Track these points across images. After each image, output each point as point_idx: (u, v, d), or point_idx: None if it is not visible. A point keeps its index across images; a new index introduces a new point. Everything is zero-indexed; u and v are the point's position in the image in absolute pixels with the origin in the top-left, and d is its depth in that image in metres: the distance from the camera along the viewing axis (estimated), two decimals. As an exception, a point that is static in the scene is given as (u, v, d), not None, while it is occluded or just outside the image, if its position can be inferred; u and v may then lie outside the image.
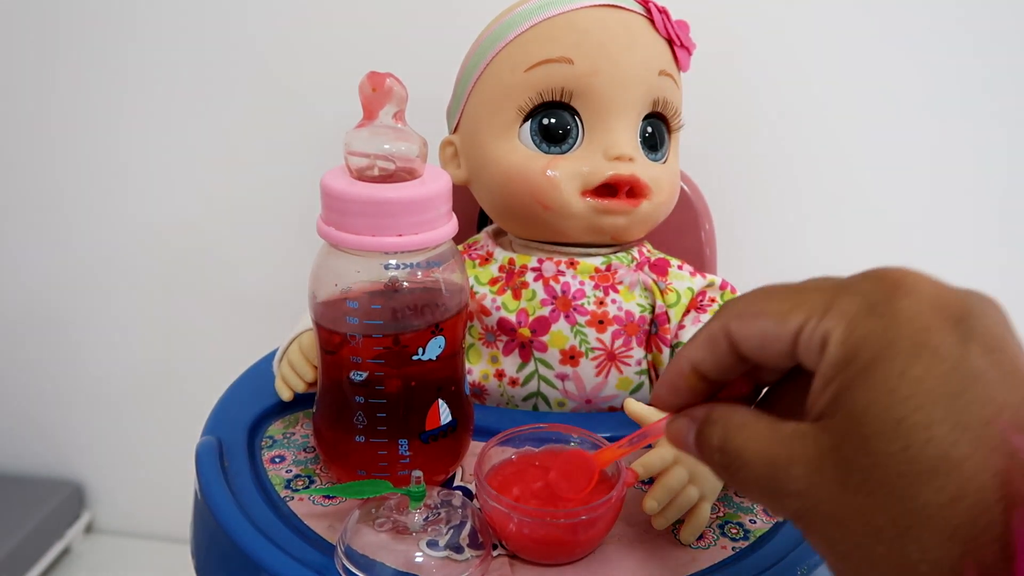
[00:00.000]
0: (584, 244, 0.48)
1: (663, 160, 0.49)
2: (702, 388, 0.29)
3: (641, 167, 0.46)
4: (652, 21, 0.47)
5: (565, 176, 0.45)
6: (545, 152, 0.46)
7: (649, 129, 0.47)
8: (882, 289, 0.23)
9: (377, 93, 0.37)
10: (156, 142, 0.79)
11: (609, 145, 0.45)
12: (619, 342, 0.46)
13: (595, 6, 0.46)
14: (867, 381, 0.22)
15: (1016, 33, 0.63)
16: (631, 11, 0.46)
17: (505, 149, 0.47)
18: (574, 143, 0.46)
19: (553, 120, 0.46)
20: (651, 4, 0.47)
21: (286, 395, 0.44)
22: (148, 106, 0.78)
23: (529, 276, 0.47)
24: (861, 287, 0.24)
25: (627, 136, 0.46)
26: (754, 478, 0.25)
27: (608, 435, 0.39)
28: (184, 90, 0.77)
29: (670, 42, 0.47)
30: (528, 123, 0.46)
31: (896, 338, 0.22)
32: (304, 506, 0.40)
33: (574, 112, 0.46)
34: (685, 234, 0.61)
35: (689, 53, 0.48)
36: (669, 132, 0.49)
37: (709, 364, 0.29)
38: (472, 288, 0.48)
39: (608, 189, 0.45)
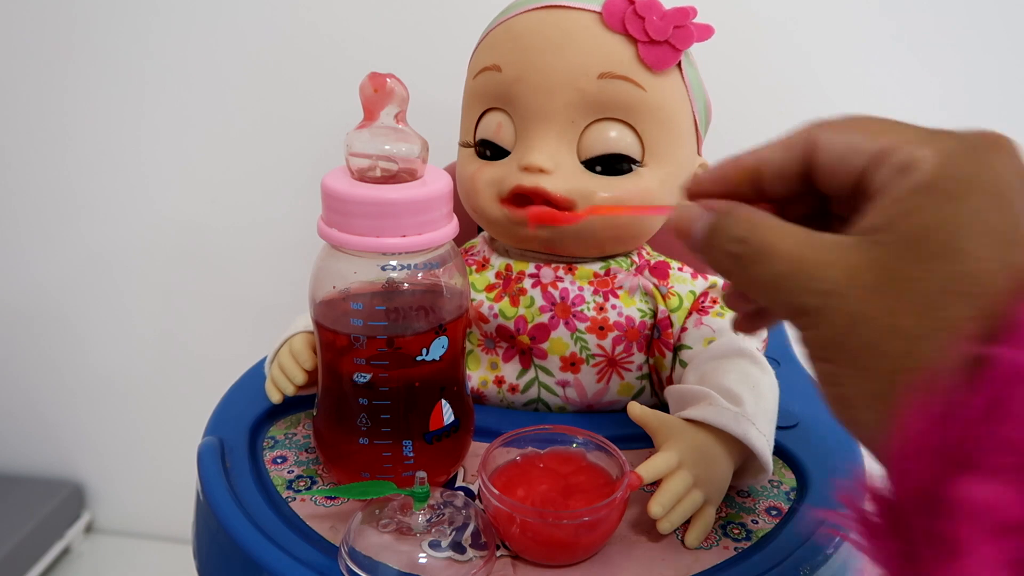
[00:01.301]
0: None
1: (630, 172, 0.44)
2: (747, 191, 0.30)
3: (559, 180, 0.43)
4: (603, 17, 0.43)
5: (484, 183, 0.45)
6: (488, 159, 0.46)
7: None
8: (984, 142, 0.25)
9: (378, 94, 0.37)
10: (158, 142, 0.79)
11: (523, 154, 0.44)
12: (620, 348, 0.46)
13: (536, 8, 0.44)
14: (944, 208, 0.24)
15: None
16: (579, 9, 0.43)
17: (462, 154, 0.48)
18: (511, 150, 0.45)
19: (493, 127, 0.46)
20: None
21: (275, 398, 0.44)
22: (150, 106, 0.78)
23: (527, 282, 0.47)
24: (965, 136, 0.25)
25: (549, 146, 0.43)
26: (775, 273, 0.26)
27: (610, 435, 0.39)
28: (186, 90, 0.76)
29: (635, 39, 0.43)
30: (478, 130, 0.46)
31: (984, 182, 0.24)
32: (306, 507, 0.40)
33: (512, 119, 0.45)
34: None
35: (674, 49, 0.43)
36: (642, 141, 0.44)
37: (774, 166, 0.29)
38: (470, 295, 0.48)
39: (523, 199, 0.44)
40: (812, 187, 0.28)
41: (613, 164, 0.44)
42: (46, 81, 0.78)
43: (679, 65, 0.44)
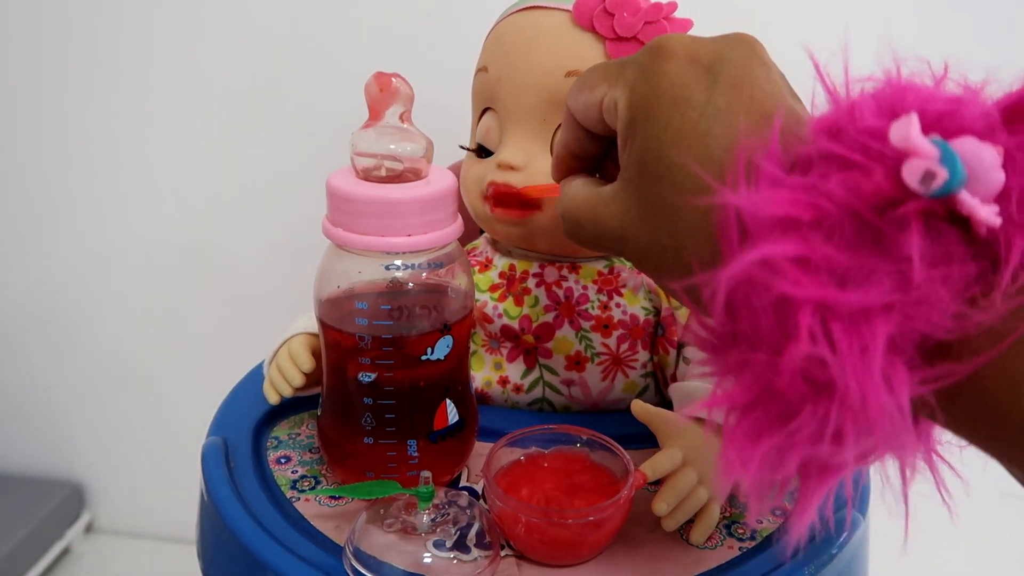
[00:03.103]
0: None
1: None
2: (577, 165, 0.35)
3: (530, 176, 0.44)
4: (573, 15, 0.43)
5: (470, 180, 0.46)
6: (482, 157, 0.46)
7: None
8: (652, 57, 0.28)
9: (383, 93, 0.37)
10: (160, 142, 0.79)
11: (501, 151, 0.45)
12: (624, 346, 0.46)
13: (519, 10, 0.45)
14: (644, 134, 0.28)
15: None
16: (552, 9, 0.44)
17: (468, 154, 0.48)
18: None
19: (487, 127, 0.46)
20: None
21: (273, 399, 0.44)
22: (152, 106, 0.78)
23: (531, 282, 0.47)
24: (639, 58, 0.29)
25: (523, 143, 0.44)
26: (588, 234, 0.31)
27: (614, 434, 0.39)
28: (188, 90, 0.76)
29: (604, 37, 0.43)
30: (479, 130, 0.47)
31: (660, 96, 0.27)
32: (310, 507, 0.40)
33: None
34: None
35: (641, 44, 0.42)
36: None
37: (572, 143, 0.34)
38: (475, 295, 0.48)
39: (501, 196, 0.44)
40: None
41: None
42: (47, 82, 0.78)
43: None
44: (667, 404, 0.43)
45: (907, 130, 0.20)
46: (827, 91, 0.25)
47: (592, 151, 0.34)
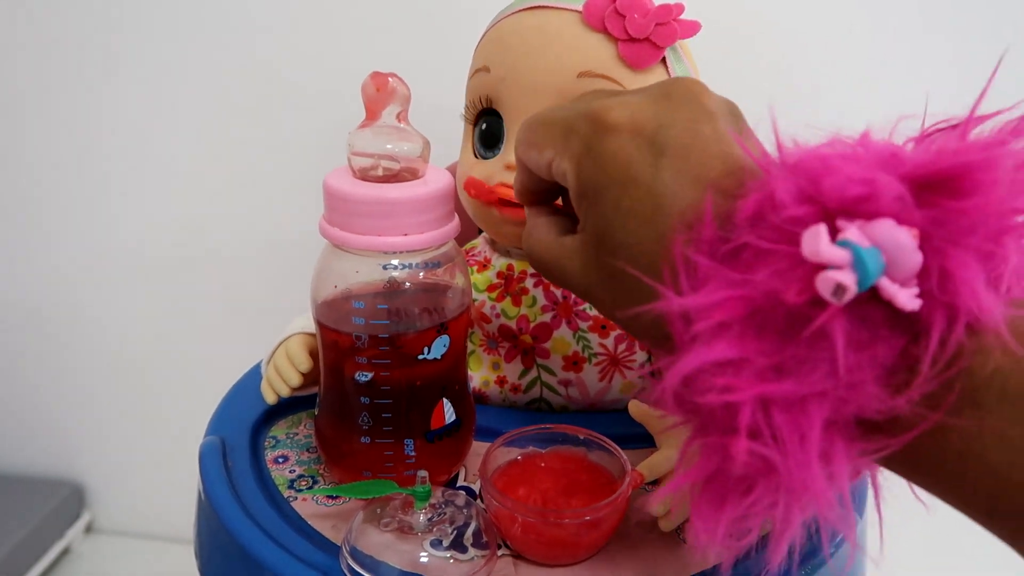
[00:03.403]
0: None
1: None
2: (537, 199, 0.35)
3: None
4: (584, 15, 0.42)
5: (474, 180, 0.46)
6: (483, 157, 0.46)
7: None
8: (595, 132, 0.29)
9: (380, 93, 0.37)
10: (158, 142, 0.79)
11: (507, 153, 0.44)
12: (622, 346, 0.46)
13: (523, 10, 0.44)
14: (596, 211, 0.28)
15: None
16: (560, 9, 0.43)
17: (462, 154, 0.48)
18: (501, 149, 0.46)
19: (486, 126, 0.46)
20: None
21: (271, 399, 0.44)
22: (149, 106, 0.78)
23: (529, 282, 0.47)
24: (580, 128, 0.29)
25: None
26: (554, 279, 0.32)
27: (611, 434, 0.39)
28: (185, 90, 0.76)
29: (615, 38, 0.42)
30: (475, 130, 0.47)
31: (607, 177, 0.28)
32: (308, 506, 0.40)
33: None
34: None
35: (655, 47, 0.42)
36: None
37: (529, 182, 0.34)
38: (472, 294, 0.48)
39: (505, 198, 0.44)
40: None
41: None
42: (45, 82, 0.78)
43: (664, 62, 0.44)
44: (665, 404, 0.43)
45: (816, 244, 0.21)
46: (757, 164, 0.25)
47: (548, 187, 0.34)
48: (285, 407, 0.47)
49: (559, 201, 0.35)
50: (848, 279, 0.21)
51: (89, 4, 0.75)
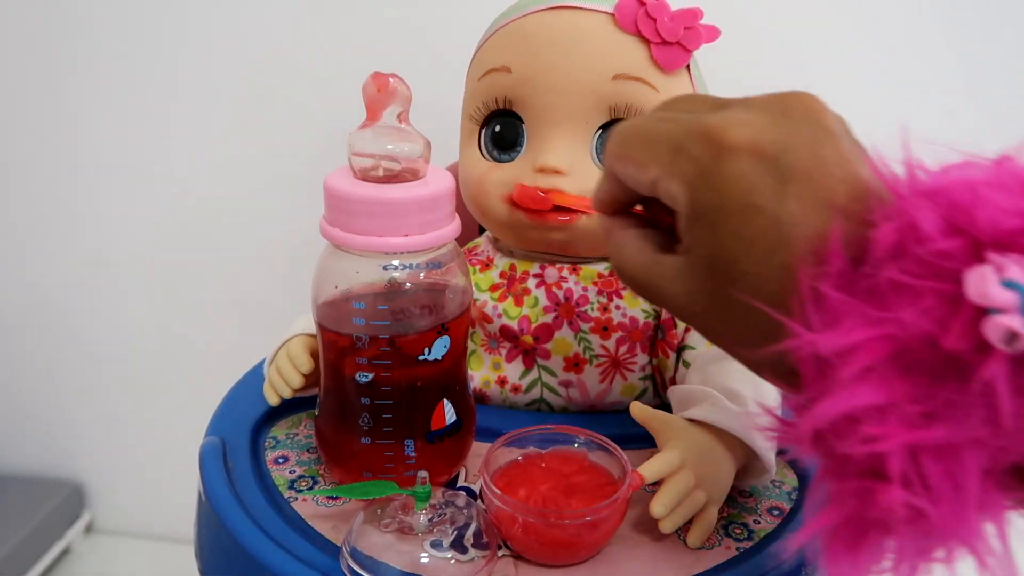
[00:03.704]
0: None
1: None
2: (621, 208, 0.34)
3: (577, 181, 0.44)
4: (616, 18, 0.43)
5: (494, 183, 0.45)
6: (496, 160, 0.46)
7: None
8: (712, 155, 0.27)
9: (381, 94, 0.37)
10: (159, 142, 0.79)
11: (537, 156, 0.44)
12: (623, 349, 0.46)
13: (547, 9, 0.44)
14: (712, 237, 0.27)
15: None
16: (590, 10, 0.43)
17: (466, 156, 0.47)
18: (520, 151, 0.45)
19: (499, 128, 0.46)
20: None
21: (273, 400, 0.44)
22: (150, 106, 0.78)
23: (531, 282, 0.47)
24: (694, 151, 0.27)
25: (562, 146, 0.44)
26: (649, 297, 0.31)
27: (612, 435, 0.39)
28: (185, 90, 0.76)
29: (647, 40, 0.43)
30: (484, 131, 0.46)
31: (727, 203, 0.26)
32: (308, 507, 0.40)
33: (522, 120, 0.45)
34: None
35: (685, 50, 0.43)
36: None
37: (616, 193, 0.33)
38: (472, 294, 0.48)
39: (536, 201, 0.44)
40: None
41: None
42: (48, 83, 0.78)
43: (687, 66, 0.44)
44: (665, 407, 0.43)
45: (984, 286, 0.20)
46: (885, 183, 0.24)
47: (636, 199, 0.33)
48: (285, 408, 0.47)
49: (639, 207, 0.34)
50: (1020, 325, 0.19)
51: (88, 4, 0.75)
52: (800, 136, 0.26)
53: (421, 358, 0.38)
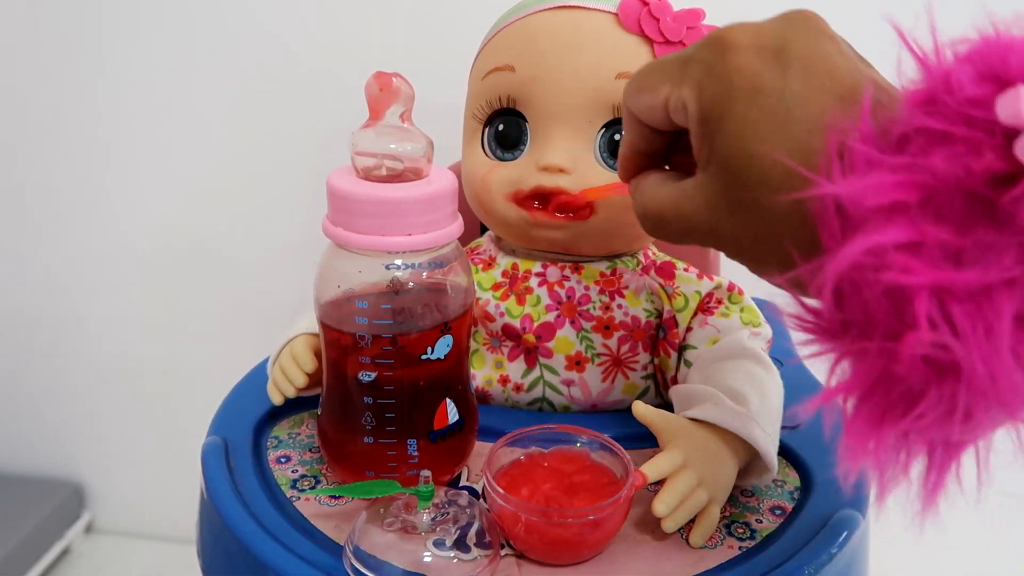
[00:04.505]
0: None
1: None
2: (647, 162, 0.34)
3: (580, 179, 0.44)
4: (619, 18, 0.43)
5: (498, 182, 0.45)
6: (499, 159, 0.46)
7: (617, 137, 0.44)
8: (716, 52, 0.28)
9: (384, 93, 0.37)
10: (160, 141, 0.79)
11: (541, 154, 0.44)
12: (625, 347, 0.46)
13: (550, 9, 0.44)
14: (722, 132, 0.27)
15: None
16: (593, 10, 0.44)
17: (468, 154, 0.47)
18: (524, 150, 0.45)
19: (503, 127, 0.46)
20: None
21: (277, 399, 0.44)
22: (152, 106, 0.78)
23: (533, 281, 0.47)
24: (700, 54, 0.28)
25: (566, 145, 0.44)
26: (675, 230, 0.31)
27: (615, 435, 0.39)
28: (187, 90, 0.77)
29: (651, 40, 0.43)
30: (487, 130, 0.46)
31: (733, 91, 0.27)
32: (310, 506, 0.40)
33: (526, 119, 0.45)
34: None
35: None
36: None
37: (638, 141, 0.33)
38: (475, 294, 0.48)
39: (539, 200, 0.44)
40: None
41: None
42: (48, 83, 0.78)
43: None
44: (667, 406, 0.43)
45: (1018, 105, 0.19)
46: (916, 58, 0.24)
47: (659, 146, 0.33)
48: (287, 407, 0.47)
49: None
50: None
51: (87, 4, 0.75)
52: (801, 34, 0.27)
53: (424, 357, 0.38)
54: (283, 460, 0.43)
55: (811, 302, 0.24)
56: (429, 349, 0.38)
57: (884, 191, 0.21)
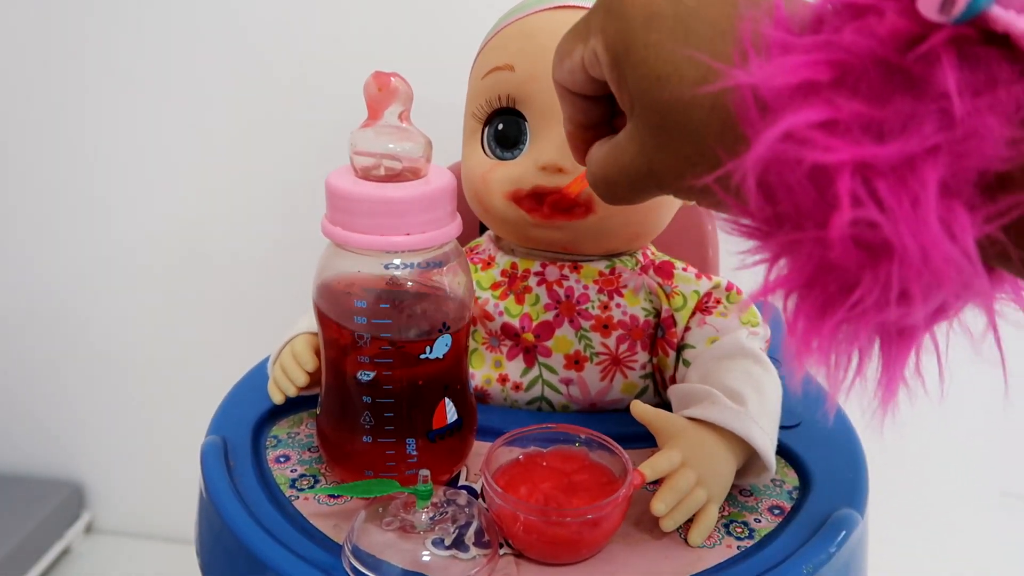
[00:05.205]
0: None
1: None
2: (592, 135, 0.34)
3: (578, 178, 0.43)
4: None
5: (497, 180, 0.45)
6: (499, 158, 0.46)
7: None
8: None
9: (382, 93, 0.37)
10: (160, 142, 0.79)
11: (540, 153, 0.44)
12: (624, 347, 0.46)
13: (550, 8, 0.44)
14: (630, 65, 0.27)
15: None
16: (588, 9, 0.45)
17: (468, 154, 0.47)
18: (524, 149, 0.45)
19: (502, 126, 0.46)
20: None
21: (278, 398, 0.44)
22: (151, 106, 0.78)
23: (532, 280, 0.47)
24: (598, 4, 0.29)
25: (565, 144, 0.44)
26: (624, 187, 0.30)
27: (613, 434, 0.39)
28: (186, 90, 0.77)
29: None
30: (486, 129, 0.46)
31: (631, 24, 0.27)
32: (309, 505, 0.40)
33: (525, 118, 0.45)
34: (687, 235, 0.61)
35: None
36: None
37: (576, 114, 0.33)
38: (474, 293, 0.48)
39: (537, 199, 0.44)
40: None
41: None
42: (49, 83, 0.78)
43: None
44: (665, 405, 0.43)
45: None
46: None
47: (597, 115, 0.33)
48: (286, 407, 0.47)
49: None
50: None
51: (87, 4, 0.75)
52: None
53: (422, 357, 0.38)
54: (282, 459, 0.43)
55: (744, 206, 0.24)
56: (428, 348, 0.38)
57: (795, 71, 0.21)
